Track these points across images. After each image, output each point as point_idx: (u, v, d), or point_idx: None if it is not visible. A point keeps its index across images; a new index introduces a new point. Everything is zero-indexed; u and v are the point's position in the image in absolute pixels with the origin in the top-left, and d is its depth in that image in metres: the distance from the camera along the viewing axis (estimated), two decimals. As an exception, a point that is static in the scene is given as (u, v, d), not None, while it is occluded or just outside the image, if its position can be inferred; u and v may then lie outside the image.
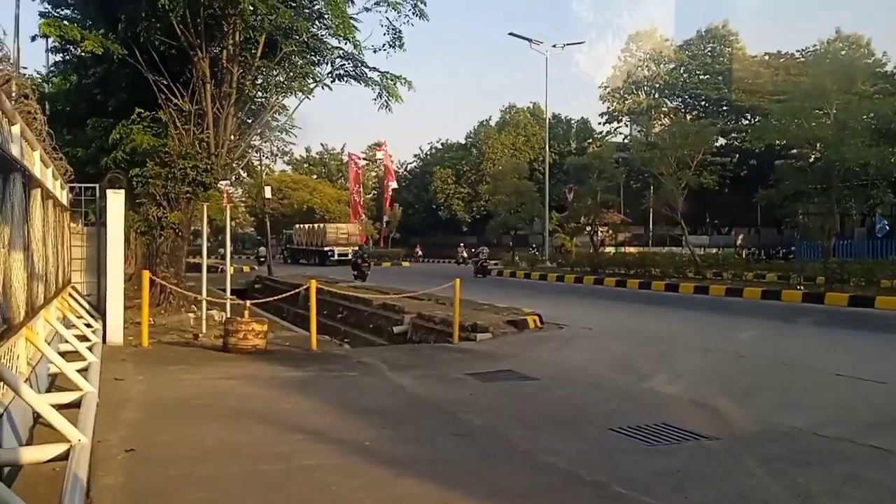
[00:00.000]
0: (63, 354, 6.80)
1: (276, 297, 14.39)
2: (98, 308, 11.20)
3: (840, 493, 4.48)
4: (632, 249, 37.30)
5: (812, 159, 24.93)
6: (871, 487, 4.61)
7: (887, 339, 11.58)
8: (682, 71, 51.68)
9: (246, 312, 10.40)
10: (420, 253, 52.43)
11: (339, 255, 41.41)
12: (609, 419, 6.26)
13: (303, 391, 7.61)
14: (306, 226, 50.07)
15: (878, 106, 23.60)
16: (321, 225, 47.54)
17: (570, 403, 7.22)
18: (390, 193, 54.16)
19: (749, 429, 6.11)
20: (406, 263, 48.06)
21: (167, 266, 13.85)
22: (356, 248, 35.98)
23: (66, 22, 14.48)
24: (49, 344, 6.55)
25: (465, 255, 43.71)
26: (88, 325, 9.55)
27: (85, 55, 13.26)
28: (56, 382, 6.90)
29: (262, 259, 42.03)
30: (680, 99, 53.11)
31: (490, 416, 6.46)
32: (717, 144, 41.31)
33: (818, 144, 22.80)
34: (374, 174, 70.87)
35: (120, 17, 13.21)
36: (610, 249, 36.73)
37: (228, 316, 11.49)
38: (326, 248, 42.81)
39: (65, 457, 4.39)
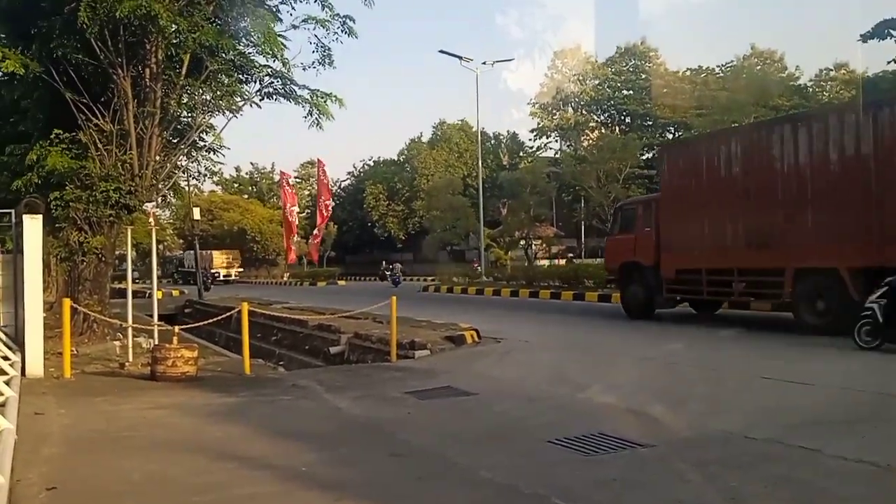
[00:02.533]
0: (-23, 390, 6.44)
1: (206, 322, 13.97)
2: (16, 339, 10.67)
3: (772, 495, 4.60)
4: (565, 262, 37.95)
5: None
6: (802, 487, 4.74)
7: (810, 342, 12.01)
8: (606, 87, 53.11)
9: (175, 338, 10.07)
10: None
11: (224, 276, 52.46)
12: (547, 431, 6.29)
13: (236, 418, 7.39)
14: (192, 252, 55.99)
15: (792, 118, 24.68)
16: (209, 251, 55.95)
17: (509, 417, 7.23)
18: (328, 212, 53.74)
19: (683, 434, 6.23)
20: (342, 282, 47.66)
21: (90, 293, 13.28)
22: (206, 269, 45.08)
23: None
24: (-40, 379, 6.20)
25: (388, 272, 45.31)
26: (5, 358, 9.10)
27: (22, 73, 12.59)
28: (-31, 420, 6.52)
29: (135, 280, 43.56)
30: (606, 114, 54.54)
31: (429, 435, 6.41)
32: (644, 157, 42.51)
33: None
34: (307, 193, 70.20)
35: (33, 34, 12.70)
36: (544, 262, 37.26)
37: (156, 343, 11.11)
38: (213, 271, 51.62)
39: (-22, 499, 4.15)
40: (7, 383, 7.45)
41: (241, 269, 57.84)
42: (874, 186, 11.39)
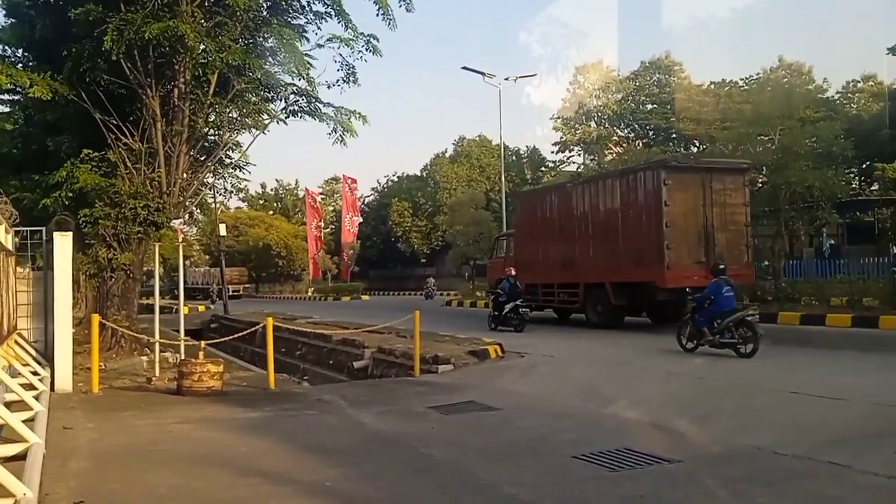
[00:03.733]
0: (8, 405, 6.55)
1: (231, 337, 14.10)
2: (46, 355, 10.84)
3: (801, 512, 4.51)
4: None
5: (759, 183, 25.61)
6: (831, 504, 4.66)
7: (839, 356, 11.84)
8: (630, 101, 52.88)
9: (200, 353, 10.15)
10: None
11: (233, 291, 52.97)
12: (572, 447, 6.24)
13: (260, 432, 7.43)
14: (201, 269, 62.71)
15: (819, 131, 24.40)
16: (217, 268, 59.87)
17: (533, 432, 7.19)
18: (356, 228, 54.47)
19: (711, 450, 6.15)
20: (366, 297, 47.81)
21: (118, 308, 13.46)
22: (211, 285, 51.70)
23: (18, 67, 14.22)
24: (-8, 394, 6.30)
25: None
26: (35, 373, 9.22)
27: (32, 98, 12.90)
28: (1, 434, 6.61)
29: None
30: (629, 128, 54.25)
31: (452, 450, 6.39)
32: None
33: (764, 169, 23.44)
34: (331, 209, 70.71)
35: (64, 58, 12.98)
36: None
37: (183, 358, 11.21)
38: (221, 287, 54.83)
39: (9, 512, 4.21)
40: (36, 398, 7.56)
41: (248, 286, 61.37)
42: (620, 228, 16.87)
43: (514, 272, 18.21)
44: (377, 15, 14.28)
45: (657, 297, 16.39)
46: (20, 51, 15.85)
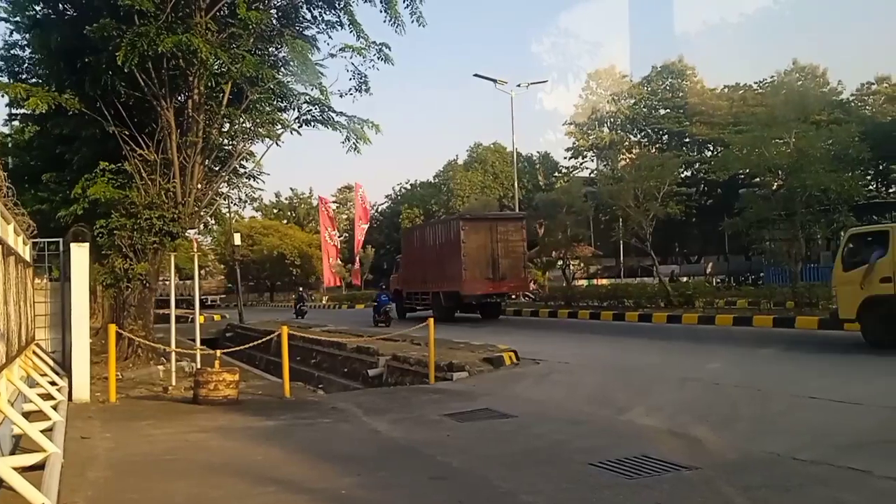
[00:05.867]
0: (27, 415, 6.61)
1: (247, 345, 14.14)
2: (63, 365, 10.92)
3: (821, 519, 4.46)
4: (604, 281, 37.53)
5: (775, 186, 25.40)
6: (852, 511, 4.60)
7: (858, 360, 11.71)
8: (642, 106, 52.75)
9: (216, 362, 10.20)
10: None
11: (210, 301, 58.97)
12: (589, 454, 6.21)
13: (276, 441, 7.44)
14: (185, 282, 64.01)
15: (835, 133, 24.18)
16: (190, 280, 64.44)
17: (550, 440, 7.15)
18: (362, 236, 54.58)
19: (728, 457, 6.09)
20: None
21: (135, 318, 13.55)
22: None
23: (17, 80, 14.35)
24: (12, 404, 6.35)
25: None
26: (53, 383, 9.28)
27: (45, 110, 13.00)
28: (20, 444, 6.67)
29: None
30: (642, 133, 54.11)
31: (469, 457, 6.37)
32: (683, 175, 41.92)
33: (780, 172, 23.24)
34: (345, 217, 70.92)
35: (82, 70, 13.09)
36: (582, 282, 36.89)
37: (199, 367, 11.26)
38: (202, 297, 58.27)
39: (28, 522, 4.23)
40: (54, 408, 7.61)
41: (224, 295, 65.25)
42: (443, 256, 25.28)
43: (302, 290, 36.61)
44: (385, 22, 14.34)
45: (464, 301, 24.83)
46: (35, 59, 15.94)
